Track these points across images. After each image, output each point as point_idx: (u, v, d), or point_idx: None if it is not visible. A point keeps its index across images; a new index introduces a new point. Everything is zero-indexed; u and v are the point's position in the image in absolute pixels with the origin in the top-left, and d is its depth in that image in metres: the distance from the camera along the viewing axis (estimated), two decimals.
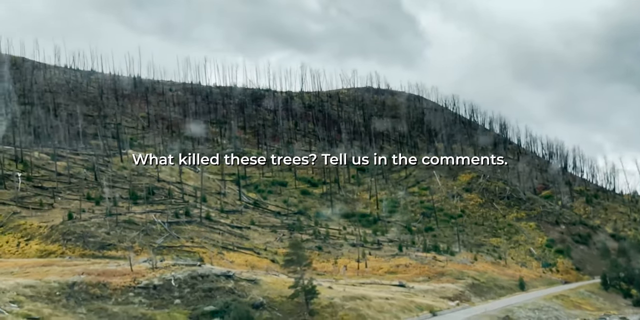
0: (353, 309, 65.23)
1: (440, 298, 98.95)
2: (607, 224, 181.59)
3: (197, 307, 60.00)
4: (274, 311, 62.21)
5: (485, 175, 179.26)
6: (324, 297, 66.64)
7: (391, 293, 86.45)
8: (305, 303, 62.95)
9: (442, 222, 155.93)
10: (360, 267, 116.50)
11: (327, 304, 65.32)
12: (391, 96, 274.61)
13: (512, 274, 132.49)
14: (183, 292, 61.83)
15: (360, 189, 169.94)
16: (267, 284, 67.98)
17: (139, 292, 60.57)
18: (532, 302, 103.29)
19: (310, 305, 62.74)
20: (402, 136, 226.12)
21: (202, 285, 63.36)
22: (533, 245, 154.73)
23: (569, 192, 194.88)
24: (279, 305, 63.43)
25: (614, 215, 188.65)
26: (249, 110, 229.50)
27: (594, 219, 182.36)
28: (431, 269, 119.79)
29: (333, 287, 75.22)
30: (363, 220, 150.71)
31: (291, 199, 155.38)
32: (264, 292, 65.40)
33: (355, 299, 68.68)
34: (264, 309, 61.95)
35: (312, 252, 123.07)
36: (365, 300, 70.10)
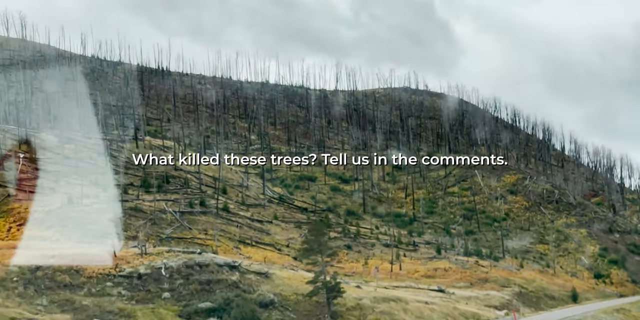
0: (386, 313, 52.53)
1: (486, 306, 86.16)
2: None
3: (190, 303, 47.66)
4: (287, 311, 49.71)
5: (532, 176, 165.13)
6: (351, 297, 54.04)
7: (430, 298, 73.60)
8: (326, 303, 50.35)
9: (484, 226, 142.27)
10: (393, 269, 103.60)
11: (353, 306, 52.73)
12: (429, 97, 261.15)
13: (561, 284, 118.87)
14: (175, 284, 49.62)
15: (396, 188, 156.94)
16: (281, 279, 55.52)
17: (119, 282, 48.45)
18: (592, 315, 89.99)
19: (332, 306, 50.12)
20: (440, 138, 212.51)
21: (200, 276, 51.01)
22: (584, 254, 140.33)
23: (621, 200, 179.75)
24: (294, 305, 50.97)
25: None
26: (280, 107, 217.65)
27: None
28: (473, 275, 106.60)
29: (362, 287, 62.33)
30: (398, 220, 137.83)
31: (320, 195, 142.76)
32: (276, 288, 52.94)
33: (388, 301, 55.95)
34: (274, 308, 49.52)
35: (340, 251, 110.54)
36: (401, 303, 57.29)
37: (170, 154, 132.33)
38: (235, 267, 53.64)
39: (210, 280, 50.69)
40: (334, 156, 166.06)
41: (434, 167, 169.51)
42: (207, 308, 46.92)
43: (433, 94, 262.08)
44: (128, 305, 46.29)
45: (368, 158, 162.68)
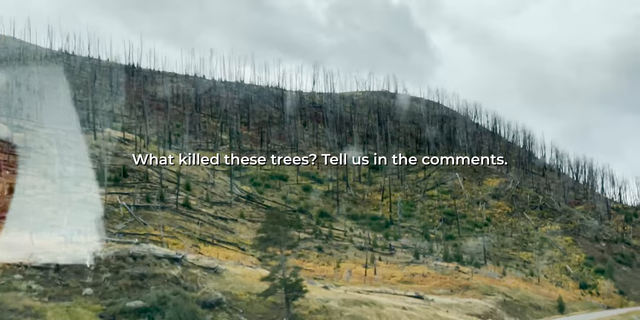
0: (357, 318, 43.75)
1: (468, 315, 78.01)
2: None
3: (117, 301, 38.65)
4: (237, 313, 40.88)
5: (515, 181, 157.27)
6: (315, 299, 45.35)
7: (408, 304, 65.05)
8: (285, 304, 41.51)
9: (465, 231, 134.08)
10: (368, 273, 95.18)
11: (318, 308, 44.07)
12: (409, 101, 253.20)
13: (546, 293, 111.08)
14: (100, 278, 40.63)
15: (372, 189, 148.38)
16: (233, 276, 46.70)
17: (31, 275, 39.38)
18: None
19: (292, 308, 41.27)
20: (419, 142, 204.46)
21: (132, 269, 42.06)
22: (569, 263, 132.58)
23: (605, 209, 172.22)
24: (246, 306, 42.15)
25: None
26: (255, 107, 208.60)
27: (634, 238, 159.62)
28: (454, 281, 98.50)
29: (330, 288, 53.57)
30: (373, 223, 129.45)
31: (291, 195, 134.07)
32: (225, 285, 44.16)
33: (360, 304, 47.27)
34: (221, 309, 40.71)
35: (310, 252, 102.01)
36: (375, 307, 48.63)
37: (131, 147, 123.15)
38: (178, 260, 44.73)
39: (144, 275, 41.76)
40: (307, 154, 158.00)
41: (412, 168, 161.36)
42: (136, 307, 38.05)
43: (412, 98, 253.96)
44: (38, 303, 37.30)
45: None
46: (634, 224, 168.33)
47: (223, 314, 40.61)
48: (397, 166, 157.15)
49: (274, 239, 42.15)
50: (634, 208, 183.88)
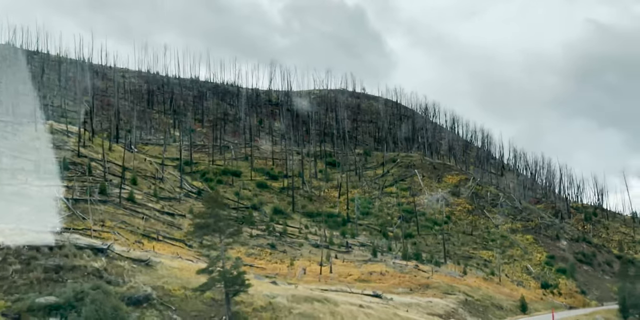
0: (307, 316, 38.60)
1: (429, 315, 73.19)
2: (609, 243, 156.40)
3: (25, 297, 32.74)
4: (168, 311, 35.26)
5: (476, 178, 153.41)
6: (261, 295, 39.95)
7: (365, 302, 59.99)
8: (225, 300, 36.07)
9: (424, 229, 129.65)
10: (323, 271, 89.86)
11: (263, 305, 38.61)
12: (367, 100, 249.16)
13: (508, 293, 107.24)
14: (7, 270, 34.60)
15: (329, 186, 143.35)
16: (168, 270, 41.07)
17: None
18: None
19: (232, 305, 35.81)
20: (378, 141, 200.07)
21: (46, 261, 36.18)
22: (530, 262, 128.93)
23: (565, 208, 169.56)
24: (180, 302, 36.56)
25: (616, 236, 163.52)
26: (209, 104, 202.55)
27: (595, 237, 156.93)
28: (413, 280, 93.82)
29: (279, 284, 48.26)
30: (330, 220, 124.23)
31: (244, 192, 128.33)
32: (157, 280, 38.52)
33: (312, 301, 41.98)
34: (150, 306, 35.04)
35: (263, 250, 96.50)
36: (329, 304, 43.38)
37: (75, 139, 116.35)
38: (102, 251, 38.98)
39: (61, 267, 35.93)
40: (262, 151, 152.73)
41: (370, 165, 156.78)
42: (46, 304, 32.25)
43: (370, 97, 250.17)
44: None
45: (300, 153, 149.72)
46: (593, 223, 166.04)
47: (152, 311, 35.01)
48: (354, 162, 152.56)
49: (212, 226, 36.66)
50: (593, 207, 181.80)
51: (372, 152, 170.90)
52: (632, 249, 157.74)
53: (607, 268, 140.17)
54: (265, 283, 46.63)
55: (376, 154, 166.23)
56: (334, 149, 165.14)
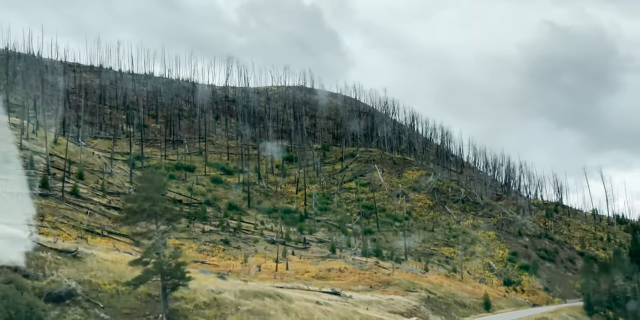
0: (257, 313, 34.02)
1: (390, 313, 69.18)
2: (571, 240, 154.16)
3: None
4: (95, 309, 30.44)
5: (436, 173, 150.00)
6: (205, 290, 35.23)
7: (323, 300, 55.66)
8: (162, 296, 31.37)
9: (384, 225, 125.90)
10: (279, 268, 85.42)
11: (207, 302, 34.03)
12: (325, 97, 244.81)
13: (471, 290, 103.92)
14: None
15: (286, 181, 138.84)
16: (99, 262, 36.21)
17: None
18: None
19: (171, 301, 31.13)
20: (336, 138, 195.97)
21: None
22: (493, 259, 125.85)
23: (526, 205, 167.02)
24: (110, 299, 31.74)
25: (577, 232, 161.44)
26: (164, 100, 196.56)
27: (556, 234, 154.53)
28: (373, 277, 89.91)
29: (228, 278, 43.62)
30: (287, 216, 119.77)
31: (198, 187, 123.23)
32: (85, 273, 33.65)
33: (262, 297, 37.43)
34: (74, 303, 30.14)
35: (216, 246, 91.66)
36: (282, 300, 38.90)
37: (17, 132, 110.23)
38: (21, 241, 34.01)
39: None
40: (217, 144, 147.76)
41: (329, 160, 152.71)
42: None
43: (330, 94, 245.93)
44: None
45: (256, 148, 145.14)
46: (554, 219, 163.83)
47: (75, 308, 30.19)
48: (312, 158, 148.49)
49: (147, 211, 31.95)
50: (554, 204, 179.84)
51: (331, 147, 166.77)
52: (593, 245, 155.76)
53: (570, 265, 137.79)
54: (212, 277, 42.14)
55: (335, 149, 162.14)
56: (292, 144, 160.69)
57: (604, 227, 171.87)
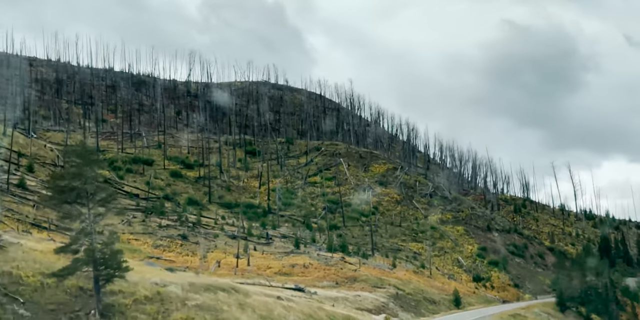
0: (207, 309, 29.49)
1: (358, 310, 64.97)
2: (540, 235, 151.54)
3: None
4: (12, 305, 25.58)
5: (404, 167, 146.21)
6: (148, 283, 30.58)
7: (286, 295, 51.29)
8: (95, 289, 26.70)
9: (350, 220, 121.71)
10: (240, 264, 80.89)
11: (149, 296, 29.31)
12: (290, 92, 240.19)
13: (440, 286, 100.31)
14: None
15: (248, 175, 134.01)
16: (25, 252, 31.40)
17: None
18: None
19: (106, 295, 26.49)
20: (301, 134, 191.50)
21: None
22: (462, 254, 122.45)
23: (494, 199, 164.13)
24: (32, 293, 26.91)
25: (546, 228, 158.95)
26: (124, 94, 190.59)
27: (524, 229, 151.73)
28: (339, 273, 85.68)
29: (176, 271, 38.99)
30: (249, 211, 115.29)
31: (156, 181, 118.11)
32: (6, 264, 28.81)
33: (215, 291, 32.85)
34: None
35: (173, 241, 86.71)
36: (238, 294, 34.38)
37: None
38: None
39: None
40: (176, 137, 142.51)
41: (293, 154, 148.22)
42: None
43: (293, 89, 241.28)
44: None
45: (217, 141, 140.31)
46: (523, 215, 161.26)
47: None
48: (276, 151, 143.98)
49: (76, 190, 27.29)
50: (521, 199, 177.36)
51: (295, 140, 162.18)
52: (562, 241, 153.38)
53: (540, 260, 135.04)
54: (158, 270, 37.60)
55: (299, 143, 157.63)
56: (255, 137, 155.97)
57: (572, 222, 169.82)
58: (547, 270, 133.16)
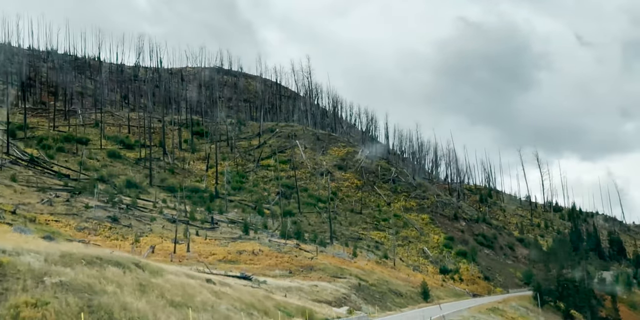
0: (79, 289, 17.87)
1: (315, 301, 54.22)
2: (508, 226, 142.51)
3: None
4: None
5: (365, 150, 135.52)
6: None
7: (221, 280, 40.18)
8: None
9: (307, 206, 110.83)
10: (179, 250, 69.54)
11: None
12: (245, 79, 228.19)
13: (405, 278, 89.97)
14: None
15: (195, 157, 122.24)
16: None
17: None
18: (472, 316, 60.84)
19: None
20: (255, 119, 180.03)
21: None
22: (427, 244, 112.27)
23: (458, 188, 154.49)
24: None
25: (513, 218, 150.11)
26: (68, 77, 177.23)
27: (492, 220, 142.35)
28: (294, 261, 74.94)
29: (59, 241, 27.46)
30: (195, 196, 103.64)
31: (91, 162, 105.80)
32: None
33: (103, 265, 21.37)
34: None
35: (101, 223, 74.73)
36: (140, 272, 22.97)
37: None
38: None
39: None
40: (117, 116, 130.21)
41: (245, 135, 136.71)
42: None
43: (249, 76, 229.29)
44: None
45: (161, 121, 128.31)
46: (489, 204, 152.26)
47: None
48: (226, 132, 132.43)
49: None
50: (487, 189, 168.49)
51: (248, 122, 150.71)
52: (530, 232, 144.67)
53: (509, 252, 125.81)
54: (31, 238, 26.27)
55: (252, 124, 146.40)
56: (203, 118, 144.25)
57: (540, 214, 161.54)
58: (518, 263, 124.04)
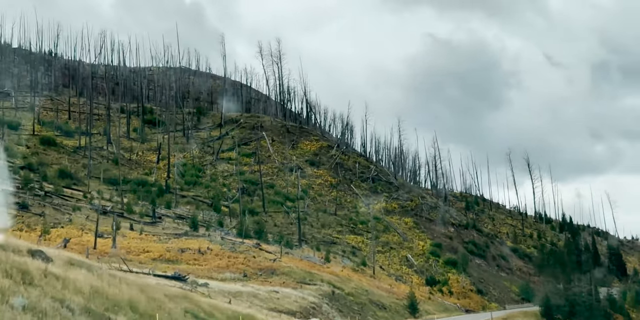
0: None
1: (271, 310, 39.11)
2: (499, 235, 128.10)
3: None
4: None
5: (340, 145, 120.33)
6: None
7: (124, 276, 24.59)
8: None
9: (273, 204, 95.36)
10: (101, 245, 53.71)
11: None
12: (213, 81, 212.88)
13: (388, 288, 75.06)
14: None
15: (145, 148, 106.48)
16: None
17: None
18: None
19: None
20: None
21: None
22: (411, 251, 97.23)
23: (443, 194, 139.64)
24: None
25: (503, 228, 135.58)
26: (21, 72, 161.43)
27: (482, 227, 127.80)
28: (251, 262, 59.93)
29: None
30: (141, 189, 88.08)
31: (20, 149, 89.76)
32: None
33: None
34: None
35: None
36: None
37: None
38: None
39: None
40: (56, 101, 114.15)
41: (205, 126, 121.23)
42: None
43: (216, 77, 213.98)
44: None
45: (107, 107, 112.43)
46: (477, 212, 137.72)
47: None
48: (183, 122, 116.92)
49: None
50: (474, 196, 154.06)
51: (208, 112, 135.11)
52: (523, 242, 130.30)
53: (503, 263, 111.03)
54: None
55: (213, 114, 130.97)
56: (157, 105, 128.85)
57: (531, 224, 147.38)
58: (513, 275, 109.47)
